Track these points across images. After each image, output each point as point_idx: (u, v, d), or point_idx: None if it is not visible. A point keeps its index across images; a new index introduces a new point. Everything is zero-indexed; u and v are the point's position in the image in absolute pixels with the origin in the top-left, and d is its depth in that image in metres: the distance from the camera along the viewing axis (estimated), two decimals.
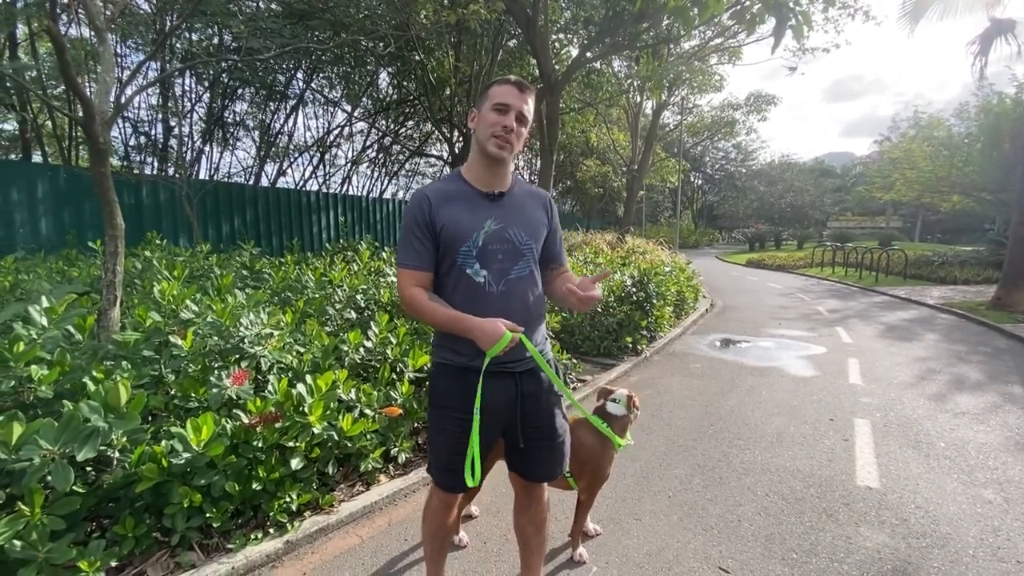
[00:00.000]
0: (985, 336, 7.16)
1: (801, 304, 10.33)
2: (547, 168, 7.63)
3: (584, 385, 4.70)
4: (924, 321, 8.37)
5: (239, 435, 2.33)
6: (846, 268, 16.63)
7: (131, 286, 4.36)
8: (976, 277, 12.97)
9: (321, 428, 2.49)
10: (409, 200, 1.55)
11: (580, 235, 14.55)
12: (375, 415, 2.83)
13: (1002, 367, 5.53)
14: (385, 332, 3.38)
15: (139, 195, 8.52)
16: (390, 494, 2.71)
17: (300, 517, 2.43)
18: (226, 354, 2.64)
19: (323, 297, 4.11)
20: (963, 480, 2.96)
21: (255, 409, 2.37)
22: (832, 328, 7.72)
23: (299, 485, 2.43)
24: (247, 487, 2.26)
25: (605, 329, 5.81)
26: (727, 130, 23.32)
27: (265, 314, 2.85)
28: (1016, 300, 8.39)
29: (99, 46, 3.40)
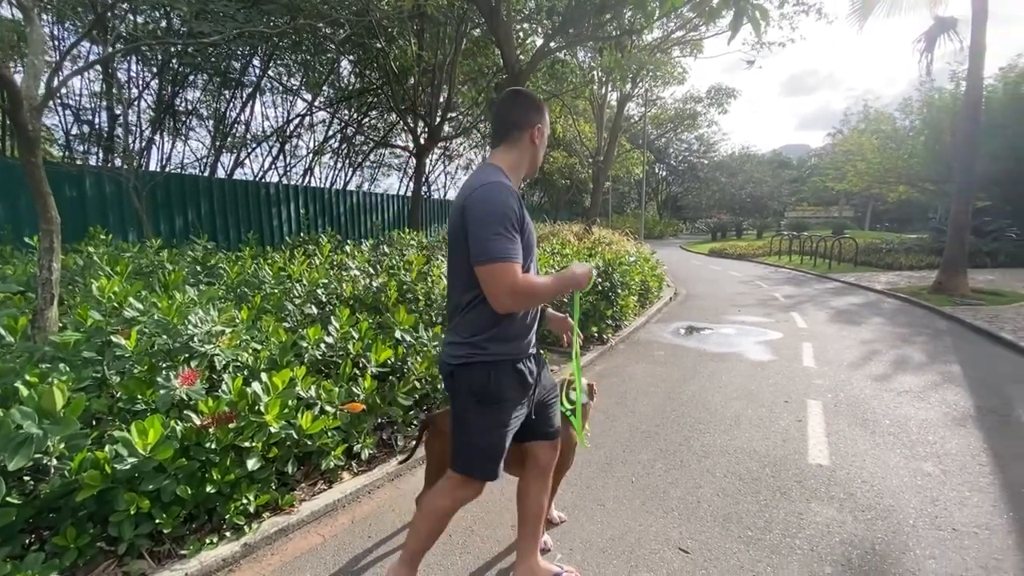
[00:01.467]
0: (927, 318, 7.59)
1: (760, 291, 10.69)
2: None
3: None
4: (871, 305, 8.79)
5: (190, 437, 2.24)
6: (802, 256, 17.30)
7: (72, 284, 4.12)
8: (920, 263, 13.72)
9: (279, 427, 2.41)
10: (492, 191, 1.47)
11: (548, 226, 14.61)
12: (336, 412, 2.77)
13: (941, 347, 5.87)
14: (347, 327, 3.31)
15: (82, 187, 8.04)
16: (353, 491, 2.67)
17: (258, 519, 2.36)
18: (174, 353, 2.52)
19: (281, 292, 3.99)
20: (905, 454, 3.13)
21: (207, 410, 2.28)
22: (788, 313, 8.03)
23: (256, 486, 2.35)
24: (200, 490, 2.18)
25: None
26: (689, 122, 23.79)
27: (216, 311, 2.74)
28: (955, 284, 8.91)
29: (27, 27, 3.17)
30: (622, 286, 6.68)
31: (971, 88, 8.81)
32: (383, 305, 4.01)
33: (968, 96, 8.89)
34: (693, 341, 6.31)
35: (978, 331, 6.51)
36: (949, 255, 9.18)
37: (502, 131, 1.64)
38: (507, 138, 1.63)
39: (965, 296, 8.67)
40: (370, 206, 14.66)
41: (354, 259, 5.64)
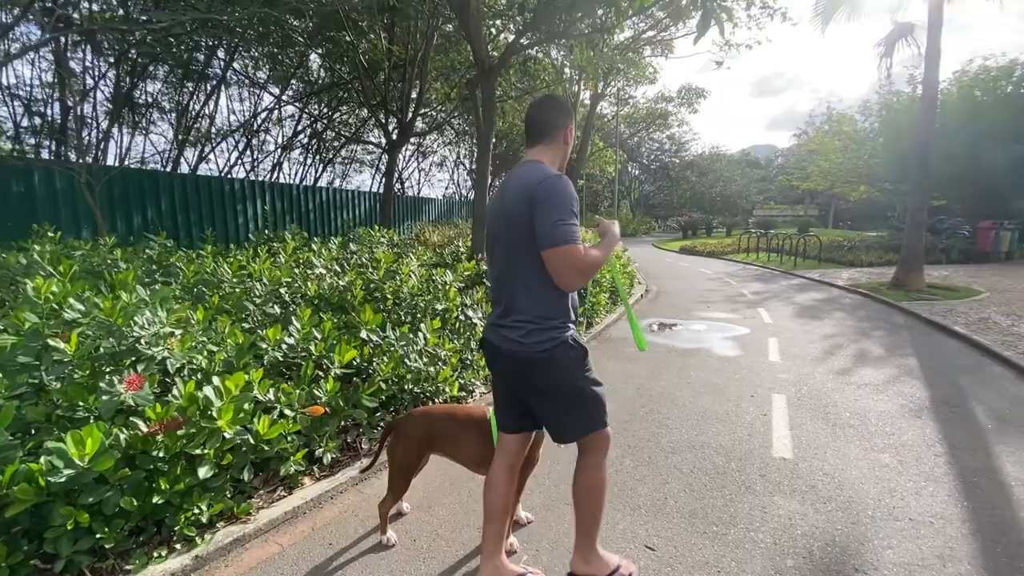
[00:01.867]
0: (886, 313, 7.86)
1: (728, 288, 10.90)
2: (484, 156, 7.53)
3: None
4: (834, 301, 9.06)
5: (136, 445, 2.12)
6: (769, 253, 17.75)
7: (15, 284, 3.88)
8: (879, 260, 14.23)
9: (233, 432, 2.31)
10: (560, 182, 1.63)
11: None
12: (296, 415, 2.67)
13: (899, 340, 6.08)
14: (308, 327, 3.20)
15: (31, 182, 7.61)
16: (314, 497, 2.58)
17: (212, 529, 2.25)
18: (119, 357, 2.38)
19: (241, 292, 3.84)
20: (864, 446, 3.22)
21: (155, 416, 2.17)
22: (755, 309, 8.20)
23: (209, 495, 2.25)
24: (147, 501, 2.06)
25: None
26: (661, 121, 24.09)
27: (164, 311, 2.61)
28: (912, 280, 9.26)
29: None
30: (593, 283, 6.70)
31: (927, 92, 9.16)
32: (349, 304, 3.90)
33: (924, 99, 9.24)
34: (663, 337, 6.38)
35: (933, 325, 6.77)
36: (907, 252, 9.53)
37: (539, 131, 1.79)
38: (545, 137, 1.79)
39: (922, 291, 9.02)
40: (341, 203, 14.37)
41: (321, 257, 5.50)
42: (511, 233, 1.69)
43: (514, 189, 1.69)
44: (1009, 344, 5.50)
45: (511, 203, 1.68)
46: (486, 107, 7.11)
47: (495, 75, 7.05)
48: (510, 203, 1.68)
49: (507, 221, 1.69)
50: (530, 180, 1.64)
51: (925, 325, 6.89)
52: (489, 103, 7.12)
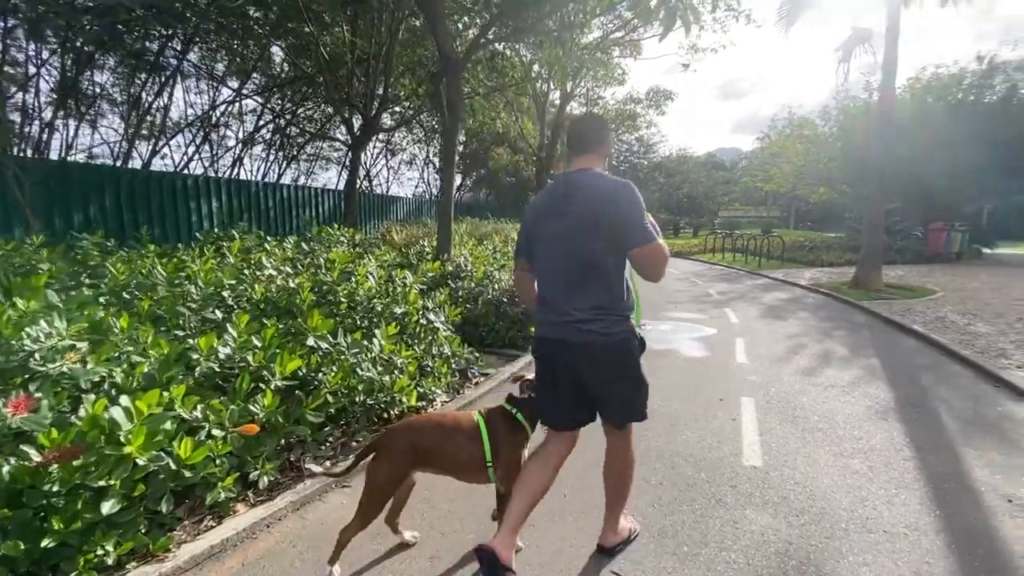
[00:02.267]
0: (847, 312, 8.00)
1: (695, 288, 10.96)
2: (450, 153, 7.29)
3: (487, 379, 4.49)
4: (797, 301, 9.19)
5: (23, 478, 1.81)
6: (734, 253, 18.08)
7: None
8: (839, 260, 14.64)
9: (147, 458, 2.02)
10: (634, 189, 1.81)
11: (490, 224, 14.40)
12: (227, 435, 2.39)
13: (861, 340, 6.15)
14: (246, 335, 2.91)
15: None
16: (248, 526, 2.31)
17: (121, 570, 1.96)
18: (8, 375, 2.06)
19: (176, 296, 3.50)
20: (834, 451, 3.14)
21: (49, 443, 1.86)
22: (721, 309, 8.22)
23: (117, 531, 1.95)
24: (36, 545, 1.76)
25: (511, 319, 5.65)
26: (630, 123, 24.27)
27: (64, 321, 2.28)
28: (871, 279, 9.49)
29: None
30: None
31: (884, 98, 9.40)
32: (298, 309, 3.61)
33: (881, 105, 9.48)
34: None
35: (893, 324, 6.89)
36: (866, 253, 9.76)
37: (588, 143, 1.95)
38: (592, 148, 1.95)
39: (880, 291, 9.25)
40: (303, 200, 13.85)
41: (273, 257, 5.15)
42: (595, 234, 1.80)
43: (591, 193, 1.82)
44: (966, 343, 5.61)
45: (594, 207, 1.80)
46: (451, 103, 6.86)
47: (461, 70, 6.82)
48: (592, 207, 1.80)
49: (588, 224, 1.81)
50: (608, 186, 1.82)
51: (885, 324, 7.02)
52: (455, 99, 6.88)
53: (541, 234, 1.95)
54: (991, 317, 6.92)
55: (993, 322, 6.62)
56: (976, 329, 6.26)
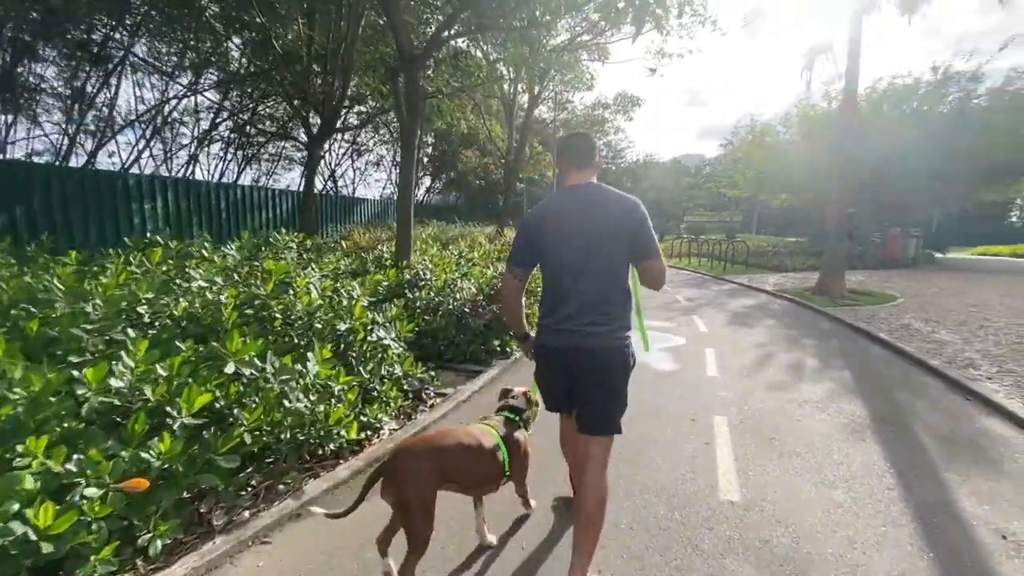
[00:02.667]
0: (813, 319, 7.97)
1: (663, 294, 10.84)
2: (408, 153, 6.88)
3: (444, 400, 4.11)
4: (763, 307, 9.16)
5: None
6: (700, 258, 18.23)
7: None
8: (802, 265, 14.88)
9: None
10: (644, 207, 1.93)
11: (458, 228, 14.01)
12: (108, 493, 1.95)
13: (830, 349, 6.06)
14: (144, 364, 2.45)
15: None
16: None
17: None
18: None
19: (72, 314, 3.00)
20: (815, 480, 2.91)
21: None
22: (689, 317, 8.07)
23: None
24: None
25: (472, 332, 5.29)
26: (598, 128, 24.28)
27: None
28: (834, 286, 9.55)
29: None
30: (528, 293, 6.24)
31: (846, 104, 9.50)
32: (222, 327, 3.16)
33: (843, 112, 9.58)
34: None
35: (859, 332, 6.86)
36: (829, 259, 9.83)
37: (589, 159, 2.04)
38: (592, 164, 2.05)
39: (844, 297, 9.31)
40: (259, 202, 13.12)
41: (208, 265, 4.63)
42: (611, 246, 1.90)
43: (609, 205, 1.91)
44: (933, 352, 5.57)
45: (612, 218, 1.89)
46: (410, 101, 6.47)
47: (419, 66, 6.43)
48: (610, 218, 1.89)
49: (607, 234, 1.89)
50: (624, 202, 1.91)
51: (852, 332, 6.98)
52: (413, 97, 6.49)
53: (559, 247, 1.95)
54: (953, 325, 6.98)
55: (956, 330, 6.65)
56: (941, 337, 6.26)
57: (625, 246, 1.90)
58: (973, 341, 6.05)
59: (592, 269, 1.90)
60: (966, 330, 6.65)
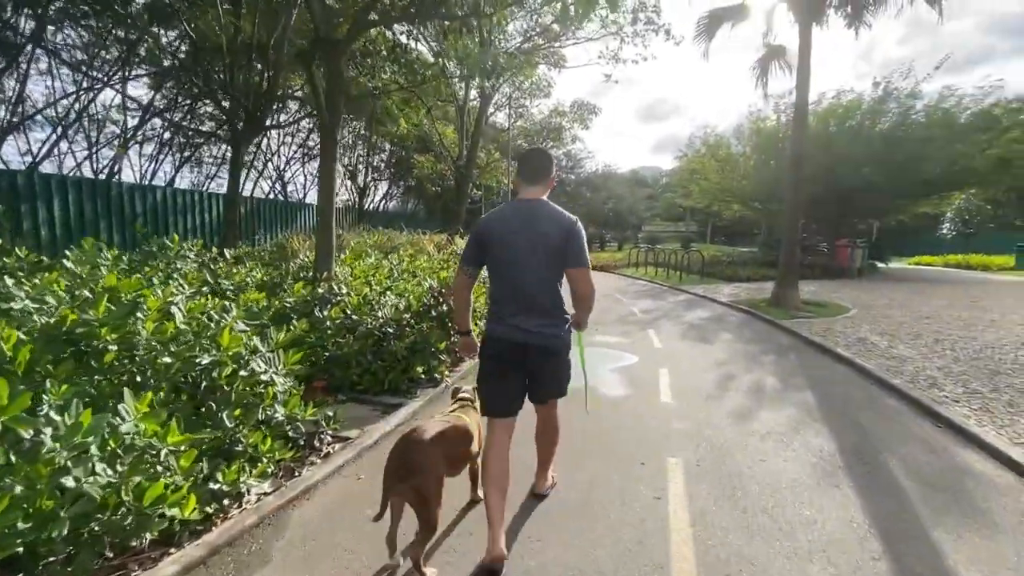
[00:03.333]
0: (770, 333, 7.64)
1: (619, 306, 10.40)
2: (328, 152, 6.09)
3: (343, 446, 3.35)
4: (720, 320, 8.81)
5: None
6: (656, 268, 18.06)
7: None
8: (755, 275, 14.84)
9: None
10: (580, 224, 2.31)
11: (405, 235, 13.16)
12: None
13: (789, 367, 5.65)
14: None
15: None
16: None
17: None
18: None
19: None
20: (787, 550, 2.34)
21: None
22: (645, 331, 7.60)
23: None
24: None
25: (393, 357, 4.54)
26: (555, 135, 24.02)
27: None
28: (788, 297, 9.33)
29: None
30: None
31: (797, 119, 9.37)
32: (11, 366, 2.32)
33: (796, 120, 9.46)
34: None
35: (817, 347, 6.52)
36: (783, 271, 9.63)
37: (541, 176, 2.35)
38: (544, 181, 2.36)
39: (798, 308, 9.09)
40: (184, 206, 11.93)
41: (40, 282, 3.70)
42: (549, 255, 2.24)
43: (550, 221, 2.24)
44: (895, 370, 5.24)
45: (549, 232, 2.22)
46: (330, 92, 5.71)
47: (340, 54, 5.68)
48: (549, 232, 2.22)
49: (544, 246, 2.23)
50: (563, 218, 2.26)
51: (809, 347, 6.64)
52: (332, 87, 5.73)
53: (504, 250, 2.26)
54: (909, 338, 6.75)
55: (913, 344, 6.41)
56: (899, 352, 5.98)
57: (559, 256, 2.24)
58: (932, 357, 5.78)
59: (531, 272, 2.25)
60: (922, 344, 6.43)
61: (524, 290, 2.25)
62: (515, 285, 2.27)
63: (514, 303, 2.28)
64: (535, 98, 23.55)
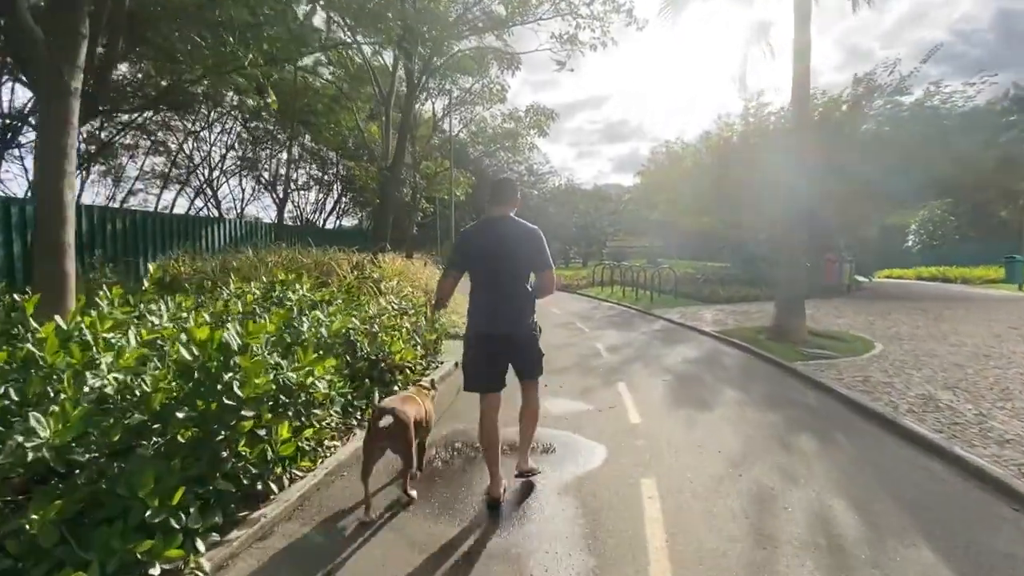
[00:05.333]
0: (785, 386, 5.49)
1: (580, 340, 8.15)
2: (55, 121, 3.59)
3: None
4: (713, 361, 6.65)
5: None
6: (623, 287, 16.02)
7: None
8: (736, 295, 12.91)
9: None
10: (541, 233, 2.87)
11: (312, 255, 10.57)
12: None
13: (842, 459, 3.45)
14: None
15: None
16: None
17: None
18: None
19: None
20: None
21: None
22: (613, 387, 5.33)
23: None
24: None
25: None
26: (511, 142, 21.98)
27: None
28: (794, 327, 7.29)
29: None
30: (329, 383, 3.14)
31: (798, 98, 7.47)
32: None
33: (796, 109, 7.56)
34: (436, 504, 2.96)
35: (866, 413, 4.37)
36: (786, 295, 7.59)
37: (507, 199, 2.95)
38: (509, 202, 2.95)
39: (807, 342, 7.04)
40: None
41: None
42: (520, 262, 2.84)
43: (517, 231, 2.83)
44: (1012, 463, 3.09)
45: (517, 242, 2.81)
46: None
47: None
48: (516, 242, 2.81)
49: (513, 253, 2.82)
50: (528, 229, 2.84)
51: (855, 413, 4.47)
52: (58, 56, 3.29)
53: (482, 259, 2.87)
54: (994, 396, 4.65)
55: (1011, 408, 4.31)
56: (1000, 425, 3.87)
57: (526, 261, 2.85)
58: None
59: (503, 275, 2.83)
60: (993, 396, 4.41)
61: (498, 290, 2.85)
62: (492, 287, 2.86)
63: (493, 303, 2.85)
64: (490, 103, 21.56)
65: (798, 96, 7.44)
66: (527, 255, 2.81)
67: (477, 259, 2.86)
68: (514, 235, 2.80)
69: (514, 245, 2.78)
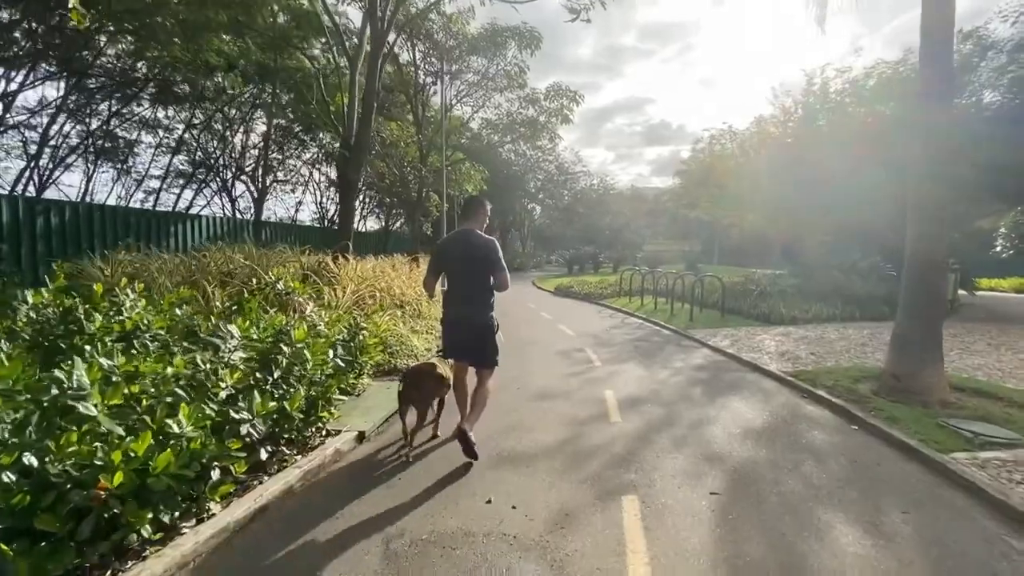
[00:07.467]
0: (956, 513, 2.78)
1: (585, 380, 5.58)
2: None
3: None
4: (795, 444, 3.95)
5: None
6: (656, 297, 13.26)
7: None
8: (805, 315, 9.93)
9: None
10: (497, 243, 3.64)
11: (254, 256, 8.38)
12: None
13: None
14: None
15: None
16: None
17: None
18: None
19: None
20: None
21: None
22: (614, 512, 2.76)
23: None
24: None
25: None
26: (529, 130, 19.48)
27: None
28: (929, 381, 4.48)
29: None
30: None
31: (930, 71, 4.69)
32: None
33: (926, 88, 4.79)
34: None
35: None
36: (913, 326, 4.76)
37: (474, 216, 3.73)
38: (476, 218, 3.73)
39: (950, 404, 4.25)
40: None
41: None
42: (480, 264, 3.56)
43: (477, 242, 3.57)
44: None
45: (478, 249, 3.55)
46: None
47: None
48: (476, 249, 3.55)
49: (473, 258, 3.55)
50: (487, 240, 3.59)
51: None
52: None
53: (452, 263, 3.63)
54: None
55: None
56: None
57: (484, 265, 3.55)
58: None
59: (468, 276, 3.59)
60: None
61: (465, 288, 3.60)
62: (459, 284, 3.61)
63: (460, 296, 3.61)
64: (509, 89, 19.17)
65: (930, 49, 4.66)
66: (485, 260, 3.55)
67: (449, 262, 3.65)
68: (476, 245, 3.57)
69: (476, 252, 3.56)
